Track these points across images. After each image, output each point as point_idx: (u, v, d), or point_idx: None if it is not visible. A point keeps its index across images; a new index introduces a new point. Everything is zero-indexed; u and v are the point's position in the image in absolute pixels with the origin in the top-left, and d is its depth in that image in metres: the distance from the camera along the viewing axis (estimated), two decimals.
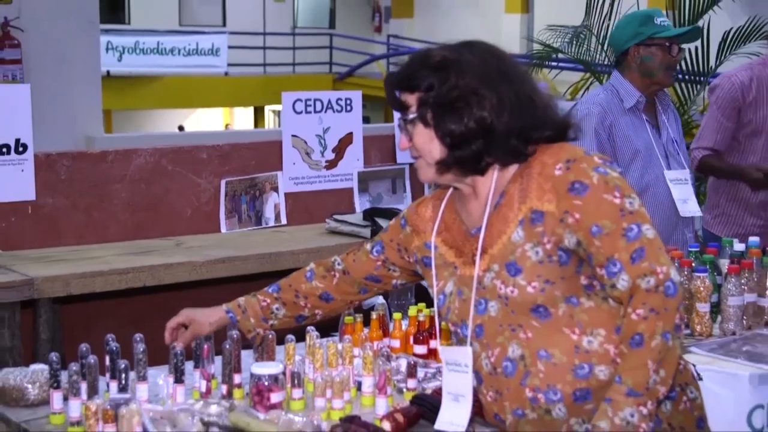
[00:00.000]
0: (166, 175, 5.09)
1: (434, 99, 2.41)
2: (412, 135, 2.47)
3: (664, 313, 2.25)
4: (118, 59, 20.64)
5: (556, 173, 2.37)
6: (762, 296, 3.64)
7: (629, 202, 2.33)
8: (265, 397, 2.71)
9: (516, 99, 2.43)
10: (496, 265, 2.42)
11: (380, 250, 2.79)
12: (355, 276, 2.83)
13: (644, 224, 2.31)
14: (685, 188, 4.26)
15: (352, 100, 5.65)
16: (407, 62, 2.51)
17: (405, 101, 2.47)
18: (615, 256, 2.29)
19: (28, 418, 2.73)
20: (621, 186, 2.35)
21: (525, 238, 2.39)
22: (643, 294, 2.26)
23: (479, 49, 2.48)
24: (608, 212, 2.31)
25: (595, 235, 2.31)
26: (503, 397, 2.46)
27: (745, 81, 4.87)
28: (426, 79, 2.43)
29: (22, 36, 6.64)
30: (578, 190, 2.34)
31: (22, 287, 4.10)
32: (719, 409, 2.76)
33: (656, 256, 2.28)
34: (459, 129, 2.40)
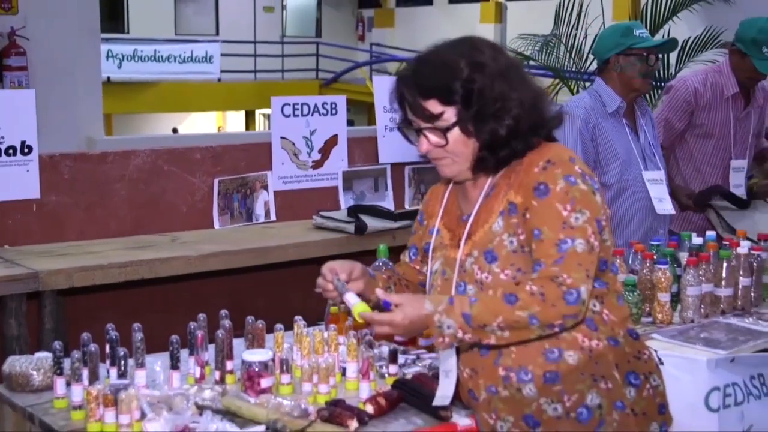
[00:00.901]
0: (163, 175, 5.07)
1: (476, 110, 2.37)
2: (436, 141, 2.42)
3: (549, 306, 2.25)
4: (118, 66, 20.55)
5: (534, 170, 2.37)
6: (718, 287, 3.65)
7: (575, 217, 2.32)
8: (255, 382, 2.71)
9: (531, 95, 2.44)
10: (476, 251, 2.44)
11: (416, 253, 2.77)
12: (414, 284, 2.77)
13: (579, 239, 2.30)
14: (661, 188, 4.28)
15: (337, 104, 5.63)
16: (429, 71, 2.40)
17: (431, 109, 2.39)
18: (542, 259, 2.31)
19: (33, 403, 2.73)
20: (578, 199, 2.33)
21: (503, 228, 2.40)
22: (547, 282, 2.27)
23: (491, 49, 2.44)
24: (552, 221, 2.32)
25: (535, 238, 2.33)
26: (478, 375, 2.47)
27: (699, 86, 4.88)
28: (460, 91, 2.36)
29: (27, 44, 6.62)
30: (541, 191, 2.35)
31: (28, 280, 4.09)
32: (679, 392, 2.77)
33: (572, 267, 2.27)
34: (501, 132, 2.39)
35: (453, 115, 2.38)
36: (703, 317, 3.58)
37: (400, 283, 2.75)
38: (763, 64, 4.72)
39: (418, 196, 5.86)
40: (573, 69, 8.56)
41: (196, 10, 25.67)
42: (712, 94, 4.85)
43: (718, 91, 4.85)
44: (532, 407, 2.41)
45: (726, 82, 4.86)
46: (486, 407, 2.48)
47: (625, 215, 4.17)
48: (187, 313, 3.25)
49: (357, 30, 27.94)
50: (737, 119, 4.89)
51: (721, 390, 3.14)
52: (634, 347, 2.48)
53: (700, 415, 3.11)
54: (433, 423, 2.64)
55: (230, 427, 2.41)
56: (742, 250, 3.72)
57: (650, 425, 2.45)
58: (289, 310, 3.49)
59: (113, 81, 19.40)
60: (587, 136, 4.15)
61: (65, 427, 2.56)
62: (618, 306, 2.47)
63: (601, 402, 2.39)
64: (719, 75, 4.90)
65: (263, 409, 2.53)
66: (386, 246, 3.47)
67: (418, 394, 2.70)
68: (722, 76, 4.89)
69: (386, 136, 5.66)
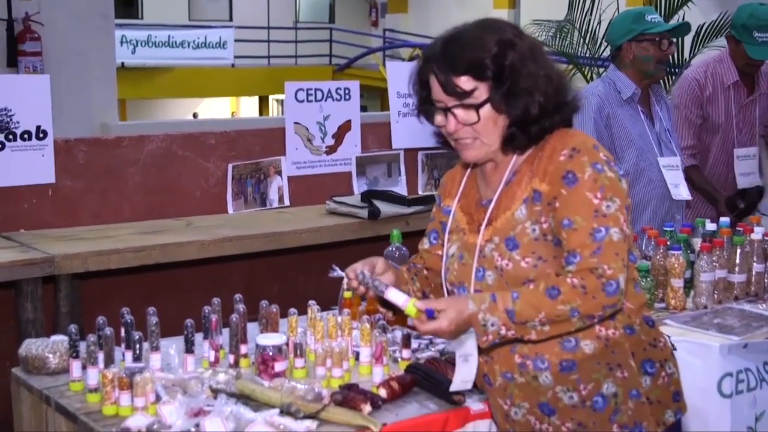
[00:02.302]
0: (177, 160, 5.08)
1: (508, 87, 2.35)
2: (465, 118, 2.39)
3: (590, 298, 2.24)
4: (132, 52, 20.56)
5: (560, 158, 2.35)
6: (731, 272, 3.65)
7: (607, 205, 2.30)
8: (269, 366, 2.72)
9: (556, 74, 2.44)
10: (497, 237, 2.42)
11: (436, 237, 2.71)
12: (437, 271, 2.69)
13: (613, 227, 2.28)
14: (677, 174, 4.26)
15: (350, 90, 5.63)
16: (460, 49, 2.36)
17: (463, 86, 2.36)
18: (578, 250, 2.28)
19: (50, 386, 2.74)
20: (607, 187, 2.31)
21: (527, 215, 2.38)
22: (587, 274, 2.25)
23: (514, 29, 2.43)
24: (584, 210, 2.30)
25: (565, 227, 2.31)
26: (494, 361, 2.47)
27: (700, 78, 4.87)
28: (492, 68, 2.34)
29: (42, 30, 6.63)
30: (569, 180, 2.32)
31: (44, 264, 4.10)
32: (691, 377, 2.77)
33: (611, 257, 2.26)
34: (533, 108, 2.37)
35: (485, 91, 2.36)
36: (716, 303, 3.58)
37: (420, 273, 2.71)
38: (754, 49, 4.69)
39: (431, 182, 5.86)
40: (587, 55, 8.53)
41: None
42: (714, 85, 4.83)
43: (719, 81, 4.83)
44: (547, 395, 2.41)
45: (726, 71, 4.84)
46: (501, 393, 2.48)
47: (641, 202, 4.16)
48: (202, 297, 3.26)
49: (370, 15, 27.88)
50: (740, 107, 4.86)
51: (734, 376, 3.14)
52: (650, 335, 2.47)
53: (712, 401, 3.12)
54: (446, 407, 2.65)
55: (244, 411, 2.42)
56: (756, 236, 3.72)
57: (665, 413, 2.45)
58: (302, 294, 3.49)
59: (127, 66, 19.39)
60: (601, 124, 4.13)
61: (81, 410, 2.57)
62: (635, 294, 2.46)
63: (616, 391, 2.39)
64: (719, 64, 4.87)
65: (277, 393, 2.53)
66: (399, 231, 3.48)
67: (431, 379, 2.71)
68: (722, 65, 4.86)
69: (399, 122, 5.66)
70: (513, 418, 2.48)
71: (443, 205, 2.67)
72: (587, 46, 8.48)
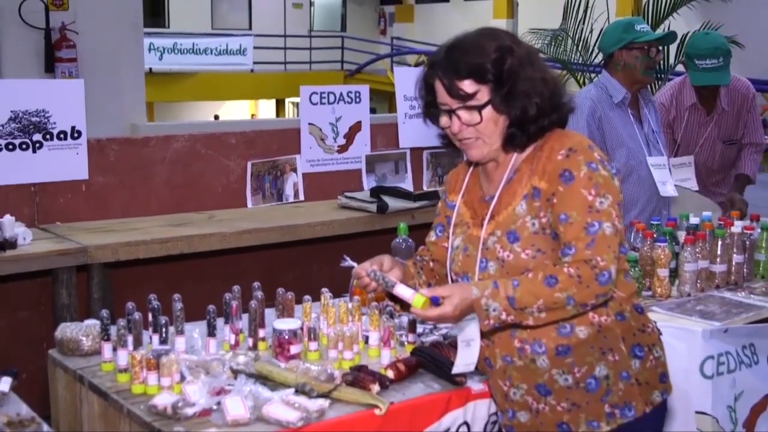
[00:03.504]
0: (200, 158, 5.08)
1: (507, 89, 2.34)
2: (468, 119, 2.38)
3: (584, 287, 2.24)
4: (159, 58, 20.56)
5: (558, 158, 2.34)
6: (713, 263, 3.64)
7: (600, 201, 2.29)
8: (285, 349, 2.71)
9: (551, 77, 2.43)
10: (499, 231, 2.41)
11: (442, 230, 2.70)
12: (443, 262, 2.67)
13: (606, 222, 2.28)
14: (664, 172, 4.24)
15: (360, 93, 5.63)
16: (462, 54, 2.36)
17: (466, 89, 2.35)
18: (573, 242, 2.28)
19: (83, 366, 2.74)
20: (601, 184, 2.30)
21: (527, 210, 2.38)
22: (582, 264, 2.25)
23: (511, 36, 2.42)
24: (579, 206, 2.29)
25: (562, 222, 2.30)
26: (495, 345, 2.46)
27: (665, 102, 4.88)
28: (492, 71, 2.33)
29: (77, 38, 6.63)
30: (566, 178, 2.31)
31: (77, 254, 4.11)
32: (676, 360, 2.75)
33: (603, 250, 2.26)
34: (531, 109, 2.36)
35: (486, 94, 2.35)
36: (699, 291, 3.57)
37: (426, 266, 2.70)
38: (695, 76, 4.70)
39: (435, 179, 5.85)
40: (580, 61, 8.51)
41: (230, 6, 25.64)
42: (677, 108, 4.84)
43: (680, 103, 4.83)
44: (544, 377, 2.40)
45: (686, 94, 4.84)
46: (501, 375, 2.48)
47: (631, 198, 4.14)
48: (223, 285, 3.26)
49: (379, 25, 27.85)
50: (699, 126, 4.85)
51: (715, 358, 3.13)
52: (639, 321, 2.46)
53: (695, 382, 3.11)
54: (449, 387, 2.64)
55: (262, 390, 2.42)
56: (736, 229, 3.71)
57: (652, 393, 2.44)
58: (316, 282, 3.49)
59: (155, 72, 19.38)
60: (594, 126, 4.12)
61: (112, 389, 2.57)
62: (626, 283, 2.45)
63: (608, 373, 2.38)
64: (681, 87, 4.88)
65: (293, 374, 2.53)
66: (406, 224, 3.46)
67: (436, 361, 2.70)
68: (685, 87, 4.86)
69: (406, 123, 5.65)
70: (512, 398, 2.47)
71: (448, 201, 2.66)
72: (580, 54, 8.46)
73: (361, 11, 27.81)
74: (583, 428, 2.38)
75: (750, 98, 4.94)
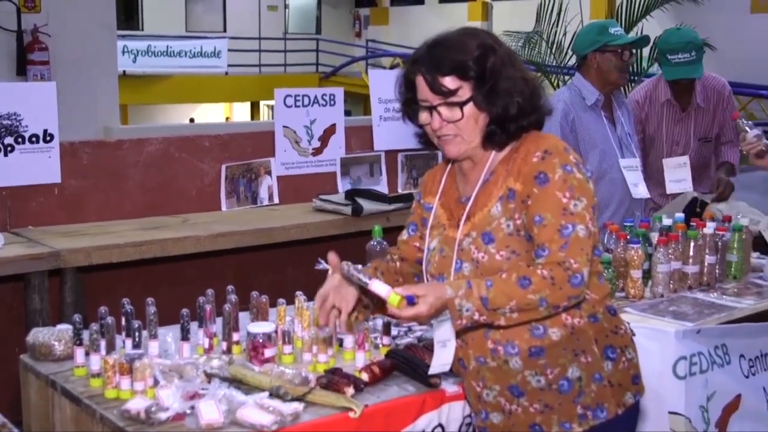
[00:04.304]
0: (174, 161, 5.06)
1: (489, 87, 2.35)
2: (449, 116, 2.37)
3: (557, 289, 2.24)
4: (133, 61, 20.47)
5: (533, 160, 2.34)
6: (686, 264, 3.66)
7: (574, 204, 2.30)
8: (259, 352, 2.71)
9: (531, 78, 2.45)
10: (475, 232, 2.41)
11: (415, 229, 2.68)
12: (411, 261, 2.68)
13: (579, 225, 2.28)
14: (636, 174, 4.27)
15: (335, 96, 5.62)
16: (445, 51, 2.37)
17: (448, 85, 2.35)
18: (546, 244, 2.28)
19: (55, 371, 2.73)
20: (575, 187, 2.31)
21: (502, 212, 2.37)
22: (555, 266, 2.25)
23: (491, 36, 2.44)
24: (553, 208, 2.29)
25: (536, 224, 2.31)
26: (468, 346, 2.46)
27: (639, 99, 4.90)
28: (474, 68, 2.34)
29: (49, 41, 6.59)
30: (541, 180, 2.32)
31: (50, 258, 4.08)
32: (649, 361, 2.77)
33: (576, 252, 2.26)
34: (512, 108, 2.37)
35: (468, 90, 2.36)
36: (672, 292, 3.59)
37: (388, 270, 2.66)
38: (669, 70, 4.73)
39: (410, 181, 5.86)
40: (554, 64, 8.55)
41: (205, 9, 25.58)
42: (650, 104, 4.86)
43: (655, 100, 4.86)
44: (517, 378, 2.41)
45: (660, 91, 4.87)
46: (474, 376, 2.48)
47: (604, 200, 4.16)
48: (197, 288, 3.25)
49: (354, 27, 27.86)
50: (675, 122, 4.88)
51: (688, 359, 3.15)
52: (611, 323, 2.47)
53: (668, 382, 3.12)
54: (424, 390, 2.65)
55: (236, 394, 2.41)
56: (708, 231, 3.73)
57: (625, 395, 2.45)
58: (291, 285, 3.48)
59: (129, 74, 19.30)
60: (567, 128, 4.14)
61: (84, 393, 2.55)
62: (599, 285, 2.46)
63: (580, 375, 2.38)
64: (656, 84, 4.91)
65: (267, 377, 2.53)
66: (381, 227, 3.47)
67: (410, 363, 2.71)
68: (659, 84, 4.89)
69: (381, 125, 5.65)
70: (485, 399, 2.48)
71: (424, 202, 2.66)
72: (554, 56, 8.50)
73: (336, 14, 27.81)
74: (555, 429, 2.39)
75: (726, 96, 4.97)
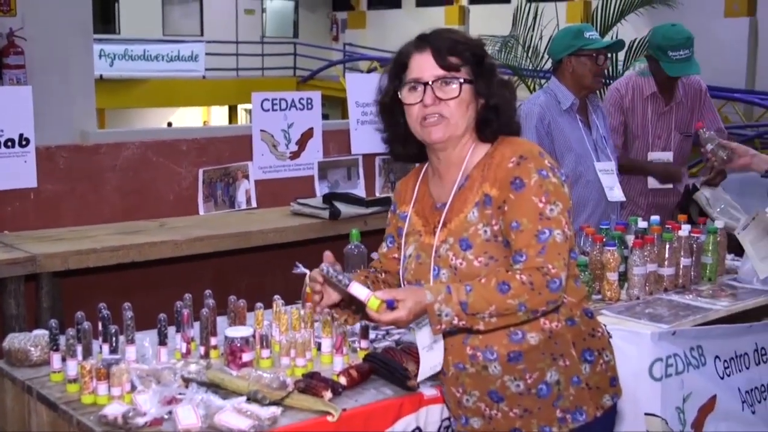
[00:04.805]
0: (151, 165, 5.04)
1: (485, 79, 2.41)
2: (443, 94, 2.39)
3: (536, 294, 2.25)
4: (110, 64, 20.39)
5: (508, 165, 2.35)
6: (661, 266, 3.68)
7: (550, 209, 2.31)
8: (237, 357, 2.70)
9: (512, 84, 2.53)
10: (452, 238, 2.41)
11: (392, 241, 2.68)
12: (393, 273, 2.66)
13: (556, 230, 2.30)
14: (612, 177, 4.29)
15: (312, 100, 5.62)
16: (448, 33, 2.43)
17: (452, 61, 2.39)
18: (524, 250, 2.29)
19: (32, 377, 2.71)
20: (551, 192, 2.32)
21: (478, 218, 2.38)
22: (534, 271, 2.26)
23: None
24: (530, 213, 2.30)
25: (513, 229, 2.31)
26: (447, 352, 2.45)
27: (621, 88, 4.94)
28: (471, 59, 2.40)
29: (25, 44, 6.56)
30: (517, 185, 2.33)
31: (26, 263, 4.05)
32: (625, 362, 2.78)
33: (554, 257, 2.27)
34: (506, 98, 2.43)
35: (467, 73, 2.40)
36: (647, 294, 3.61)
37: (377, 280, 2.65)
38: (670, 67, 4.75)
39: (387, 185, 5.86)
40: (530, 67, 8.57)
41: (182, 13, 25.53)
42: (633, 96, 4.89)
43: (639, 92, 4.90)
44: (496, 383, 2.41)
45: (645, 84, 4.90)
46: (454, 382, 2.48)
47: (580, 203, 4.18)
48: (174, 293, 3.24)
49: (331, 31, 27.88)
50: (659, 116, 4.92)
51: (664, 360, 3.16)
52: (589, 325, 2.48)
53: (644, 384, 3.14)
54: (402, 393, 2.65)
55: (214, 398, 2.40)
56: (683, 233, 3.75)
57: (603, 397, 2.46)
58: (268, 289, 3.48)
59: (105, 78, 19.22)
60: (543, 132, 4.15)
61: (61, 399, 2.54)
62: (576, 288, 2.47)
63: (559, 378, 2.39)
64: (639, 78, 4.93)
65: (245, 381, 2.52)
66: (358, 230, 3.47)
67: (388, 367, 2.71)
68: (642, 78, 4.92)
69: (358, 129, 5.65)
70: (465, 405, 2.48)
71: (399, 212, 2.65)
72: (530, 60, 8.52)
73: (314, 17, 27.82)
74: None
75: (703, 93, 5.06)
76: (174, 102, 23.29)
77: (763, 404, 3.54)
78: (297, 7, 27.74)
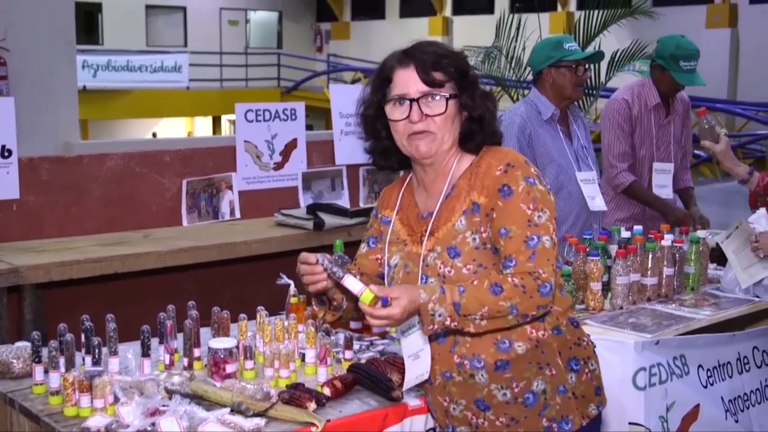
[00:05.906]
0: (135, 176, 5.02)
1: (468, 92, 2.41)
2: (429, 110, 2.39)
3: (528, 298, 2.26)
4: (93, 75, 20.38)
5: (496, 173, 2.37)
6: (644, 276, 3.69)
7: (538, 216, 2.32)
8: (221, 368, 2.69)
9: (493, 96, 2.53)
10: (440, 247, 2.41)
11: (375, 241, 2.66)
12: (371, 275, 2.63)
13: (545, 236, 2.31)
14: (593, 187, 4.30)
15: (296, 111, 5.61)
16: (432, 47, 2.43)
17: (437, 77, 2.39)
18: (514, 255, 2.30)
19: (14, 389, 2.69)
20: (539, 199, 2.34)
21: (466, 226, 2.38)
22: (525, 275, 2.27)
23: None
24: (518, 220, 2.32)
25: (502, 236, 2.32)
26: (434, 361, 2.45)
27: (628, 98, 4.92)
28: (455, 74, 2.41)
29: (7, 55, 6.54)
30: (505, 192, 2.34)
31: (8, 275, 4.03)
32: (609, 372, 2.78)
33: (543, 262, 2.29)
34: (490, 110, 2.44)
35: (452, 89, 2.41)
36: (631, 304, 3.61)
37: None
38: (682, 76, 4.77)
39: (371, 195, 5.86)
40: (513, 78, 8.60)
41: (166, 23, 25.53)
42: (639, 106, 4.90)
43: (643, 103, 4.90)
44: (483, 392, 2.41)
45: (649, 94, 4.91)
46: (440, 391, 2.48)
47: (562, 213, 4.18)
48: (158, 304, 3.22)
49: (315, 42, 27.94)
50: (659, 127, 4.94)
51: (647, 370, 3.17)
52: (574, 335, 2.49)
53: (628, 393, 3.14)
54: (386, 404, 2.64)
55: (197, 410, 2.39)
56: (666, 243, 3.76)
57: (588, 406, 2.46)
58: (252, 300, 3.47)
59: (89, 89, 19.19)
60: (524, 142, 4.16)
61: (44, 411, 2.52)
62: (561, 297, 2.47)
63: (545, 387, 2.40)
64: (643, 88, 4.94)
65: (228, 393, 2.51)
66: (342, 241, 3.46)
67: (372, 377, 2.70)
68: (645, 89, 4.93)
69: (342, 140, 5.65)
70: (452, 413, 2.48)
71: (381, 216, 2.65)
72: (513, 70, 8.54)
73: (298, 28, 27.86)
74: None
75: (689, 106, 5.11)
76: (158, 113, 23.27)
77: (746, 413, 3.56)
78: (281, 18, 27.78)
